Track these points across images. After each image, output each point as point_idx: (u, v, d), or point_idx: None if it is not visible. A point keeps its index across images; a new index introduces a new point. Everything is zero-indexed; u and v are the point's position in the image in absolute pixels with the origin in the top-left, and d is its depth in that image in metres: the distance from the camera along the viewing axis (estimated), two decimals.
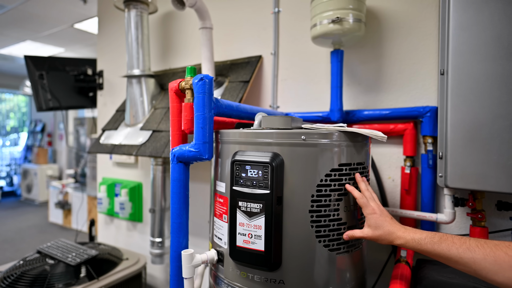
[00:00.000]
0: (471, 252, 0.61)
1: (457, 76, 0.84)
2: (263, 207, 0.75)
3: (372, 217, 0.74)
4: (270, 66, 1.48)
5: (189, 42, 1.78)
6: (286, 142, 0.77)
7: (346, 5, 1.07)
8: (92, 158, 4.76)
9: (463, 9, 0.83)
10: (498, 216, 1.00)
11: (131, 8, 1.58)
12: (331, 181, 0.78)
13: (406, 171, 1.13)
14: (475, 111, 0.82)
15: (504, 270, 0.56)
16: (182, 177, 0.89)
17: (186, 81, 0.92)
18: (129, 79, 1.62)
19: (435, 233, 0.66)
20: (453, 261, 0.63)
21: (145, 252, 1.98)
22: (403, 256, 0.94)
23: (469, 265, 0.60)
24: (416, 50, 1.16)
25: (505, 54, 0.78)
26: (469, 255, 0.61)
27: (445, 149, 0.87)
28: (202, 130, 0.84)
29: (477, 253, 0.60)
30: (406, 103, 1.17)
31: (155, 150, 1.39)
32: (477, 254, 0.60)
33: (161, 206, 1.74)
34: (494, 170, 0.81)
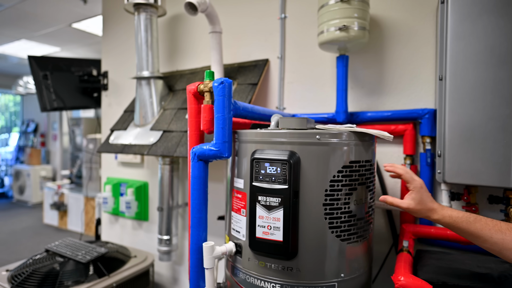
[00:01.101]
0: (502, 233, 0.69)
1: (454, 81, 0.93)
2: (282, 201, 0.82)
3: (418, 192, 0.80)
4: (277, 69, 1.56)
5: (196, 45, 1.84)
6: (302, 141, 0.84)
7: (351, 14, 1.15)
8: (88, 158, 4.76)
9: (460, 21, 0.92)
10: (489, 209, 1.09)
11: (141, 11, 1.63)
12: (342, 177, 0.85)
13: None
14: (470, 113, 0.91)
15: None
16: (202, 174, 0.96)
17: (205, 84, 0.98)
18: (139, 80, 1.67)
19: (470, 214, 0.74)
20: (482, 239, 0.71)
21: (152, 250, 2.03)
22: (405, 246, 1.02)
23: (497, 244, 0.68)
24: (415, 56, 1.25)
25: (497, 63, 0.87)
26: (499, 236, 0.68)
27: (443, 148, 0.95)
28: (222, 130, 0.91)
29: (507, 235, 0.68)
30: (406, 105, 1.26)
31: (167, 149, 1.45)
32: (507, 236, 0.68)
33: (168, 205, 1.79)
34: (487, 166, 0.90)
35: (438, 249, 1.12)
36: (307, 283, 0.85)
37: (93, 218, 4.39)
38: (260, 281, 0.89)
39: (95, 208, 4.40)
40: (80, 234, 3.71)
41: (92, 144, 4.65)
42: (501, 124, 0.86)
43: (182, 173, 1.89)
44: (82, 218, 4.60)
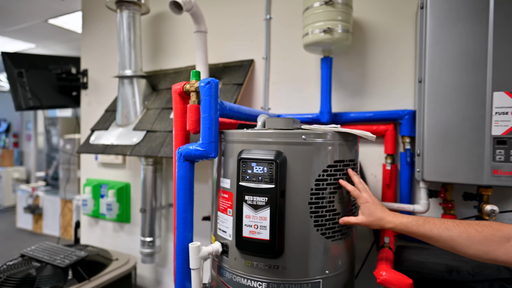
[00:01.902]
0: (449, 231, 0.72)
1: (433, 84, 0.97)
2: (268, 200, 0.83)
3: (365, 206, 0.84)
4: (262, 69, 1.57)
5: (180, 44, 1.83)
6: (288, 141, 0.85)
7: (335, 16, 1.18)
8: (65, 159, 4.59)
9: (437, 26, 0.96)
10: (464, 206, 1.15)
11: (124, 9, 1.60)
12: (327, 176, 0.87)
13: (387, 167, 1.26)
14: (447, 115, 0.95)
15: (475, 244, 0.69)
16: (188, 174, 0.95)
17: (191, 84, 0.98)
18: (121, 79, 1.63)
19: (419, 217, 0.78)
20: (434, 239, 0.75)
21: (134, 253, 1.99)
22: (387, 242, 1.05)
23: (447, 242, 0.72)
24: (396, 59, 1.30)
25: (471, 67, 0.92)
26: (447, 233, 0.72)
27: (422, 147, 0.99)
28: (209, 130, 0.90)
29: (453, 231, 0.72)
30: (387, 106, 1.30)
31: (151, 150, 1.43)
32: (453, 232, 0.72)
33: (152, 206, 1.76)
34: (462, 165, 0.94)
35: (416, 245, 1.16)
36: (293, 281, 0.86)
37: (71, 221, 4.24)
38: (247, 280, 0.89)
39: (73, 211, 4.25)
40: (57, 238, 3.57)
41: (69, 145, 4.49)
42: (475, 124, 0.91)
43: (166, 173, 1.86)
44: (58, 221, 4.43)
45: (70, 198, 4.25)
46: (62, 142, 4.58)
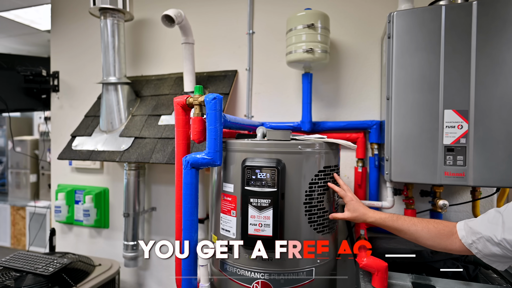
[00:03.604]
0: (415, 226, 0.93)
1: (398, 101, 1.18)
2: (271, 202, 0.96)
3: (350, 204, 1.01)
4: (245, 80, 1.69)
5: (162, 51, 1.87)
6: (286, 151, 0.99)
7: (316, 38, 1.34)
8: (14, 163, 4.26)
9: (402, 54, 1.16)
10: (421, 201, 1.39)
11: (108, 16, 1.61)
12: (318, 180, 1.03)
13: (359, 170, 1.46)
14: (410, 127, 1.16)
15: (433, 237, 0.89)
16: (194, 180, 1.04)
17: (195, 98, 1.07)
18: (105, 85, 1.64)
19: (393, 214, 0.97)
20: (403, 232, 0.94)
21: (114, 257, 1.97)
22: (362, 234, 1.25)
23: (413, 234, 0.93)
24: (364, 76, 1.50)
25: (427, 88, 1.14)
26: (413, 228, 0.93)
27: (390, 154, 1.20)
28: (215, 140, 1.01)
29: (418, 227, 0.92)
30: (358, 117, 1.50)
31: (141, 156, 1.47)
32: (418, 227, 0.92)
33: (135, 210, 1.79)
34: (421, 168, 1.16)
35: (384, 235, 1.38)
36: (291, 270, 1.01)
37: (22, 229, 3.95)
38: (250, 272, 1.01)
39: (25, 219, 3.96)
40: (8, 249, 3.32)
41: (20, 147, 4.17)
42: (431, 135, 1.13)
43: (148, 178, 1.90)
44: (9, 230, 4.09)
45: (22, 205, 3.96)
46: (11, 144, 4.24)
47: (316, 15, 1.33)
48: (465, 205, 1.35)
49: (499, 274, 1.07)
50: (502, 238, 0.75)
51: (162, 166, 1.85)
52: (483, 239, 0.80)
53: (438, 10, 1.10)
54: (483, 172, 1.07)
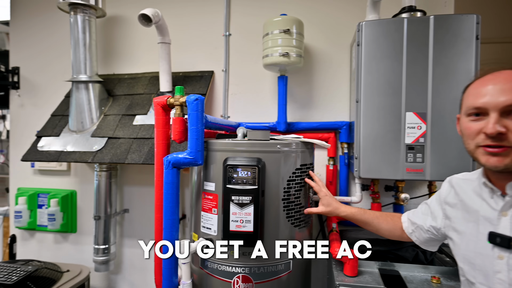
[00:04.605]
0: (377, 219, 1.04)
1: (366, 104, 1.28)
2: (252, 199, 1.01)
3: (325, 198, 1.09)
4: (222, 81, 1.71)
5: (135, 49, 1.84)
6: (266, 150, 1.05)
7: (291, 43, 1.41)
8: None
9: (369, 61, 1.27)
10: (385, 195, 1.51)
11: (79, 12, 1.55)
12: (296, 177, 1.09)
13: (330, 168, 1.56)
14: (376, 128, 1.27)
15: (391, 229, 1.02)
16: (175, 180, 1.06)
17: (176, 99, 1.09)
18: (76, 84, 1.58)
19: (361, 208, 1.07)
20: (368, 224, 1.05)
21: (82, 263, 1.89)
22: (334, 227, 1.33)
23: (376, 226, 1.04)
24: (335, 80, 1.60)
25: (392, 93, 1.25)
26: (376, 221, 1.04)
27: (359, 152, 1.30)
28: (197, 140, 1.03)
29: (380, 219, 1.04)
30: (329, 118, 1.60)
31: (116, 156, 1.44)
32: (380, 220, 1.04)
33: (106, 213, 1.74)
34: (386, 165, 1.27)
35: (354, 228, 1.48)
36: (270, 263, 1.06)
37: None
38: (231, 267, 1.05)
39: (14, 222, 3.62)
40: None
41: None
42: (395, 135, 1.25)
43: (120, 179, 1.85)
44: None
45: None
46: None
47: (292, 21, 1.40)
48: (423, 198, 1.50)
49: (451, 257, 1.21)
50: (429, 225, 0.90)
51: (136, 167, 1.81)
52: (418, 228, 0.94)
53: (401, 22, 1.22)
54: (438, 168, 1.21)
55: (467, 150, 0.73)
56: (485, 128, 0.65)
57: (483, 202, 0.73)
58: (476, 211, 0.74)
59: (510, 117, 0.64)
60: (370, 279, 1.02)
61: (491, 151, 0.65)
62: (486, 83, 0.67)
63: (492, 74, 0.68)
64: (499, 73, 0.67)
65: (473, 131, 0.68)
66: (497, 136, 0.64)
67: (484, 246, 0.70)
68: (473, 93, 0.70)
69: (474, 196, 0.76)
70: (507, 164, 0.64)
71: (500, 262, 0.67)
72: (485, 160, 0.67)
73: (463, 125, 0.73)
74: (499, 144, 0.64)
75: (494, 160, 0.65)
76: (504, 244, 0.66)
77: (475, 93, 0.69)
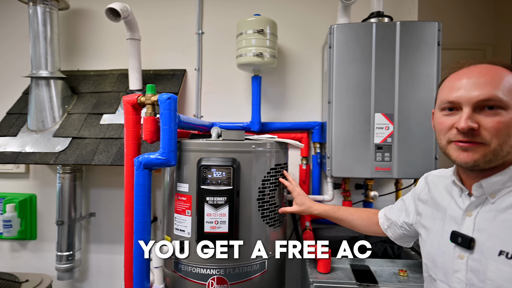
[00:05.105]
0: (352, 215, 1.06)
1: (337, 105, 1.32)
2: (227, 199, 1.00)
3: (298, 198, 1.10)
4: (194, 80, 1.68)
5: (102, 45, 1.75)
6: (241, 150, 1.04)
7: (265, 43, 1.42)
8: None
9: (341, 63, 1.31)
10: (356, 193, 1.56)
11: (38, 2, 1.45)
12: (270, 177, 1.10)
13: (303, 167, 1.58)
14: (347, 128, 1.31)
15: (365, 225, 1.04)
16: (147, 181, 1.02)
17: (147, 97, 1.05)
18: (35, 80, 1.47)
19: (334, 206, 1.09)
20: (342, 221, 1.07)
21: (43, 271, 1.77)
22: (307, 225, 1.36)
23: (350, 223, 1.06)
24: (307, 81, 1.63)
25: (362, 94, 1.30)
26: (351, 217, 1.06)
27: (331, 152, 1.33)
28: (169, 140, 1.00)
29: (354, 216, 1.06)
30: (302, 118, 1.62)
31: (81, 158, 1.36)
32: (354, 216, 1.06)
33: (70, 217, 1.64)
34: (356, 164, 1.32)
35: (326, 226, 1.52)
36: (245, 263, 1.05)
37: None
38: (206, 269, 1.03)
39: None
40: None
41: None
42: (364, 135, 1.30)
43: (86, 181, 1.75)
44: None
45: None
46: None
47: (265, 21, 1.41)
48: (391, 195, 1.57)
49: (416, 251, 1.28)
50: (402, 221, 0.91)
51: (103, 168, 1.73)
52: (393, 224, 0.96)
53: (370, 27, 1.27)
54: (404, 166, 1.27)
55: (440, 146, 0.70)
56: (457, 123, 0.63)
57: (451, 200, 0.73)
58: (444, 208, 0.74)
59: (483, 113, 0.61)
60: (342, 275, 1.05)
61: (462, 146, 0.63)
62: (461, 76, 0.65)
63: (468, 68, 0.65)
64: (475, 67, 0.64)
65: (446, 126, 0.66)
66: (469, 132, 0.61)
67: (446, 245, 0.69)
68: (447, 87, 0.67)
69: (445, 193, 0.76)
70: (476, 160, 0.62)
71: (460, 261, 0.66)
72: (456, 156, 0.64)
73: (436, 120, 0.70)
74: (470, 140, 0.62)
75: (464, 156, 0.63)
76: (465, 244, 0.65)
77: (449, 86, 0.66)
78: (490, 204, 0.65)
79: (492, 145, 0.61)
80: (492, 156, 0.61)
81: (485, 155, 0.61)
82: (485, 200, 0.66)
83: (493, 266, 0.60)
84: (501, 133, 0.60)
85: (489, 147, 0.61)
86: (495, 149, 0.61)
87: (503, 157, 0.62)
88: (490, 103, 0.60)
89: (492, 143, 0.60)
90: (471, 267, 0.64)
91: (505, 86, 0.60)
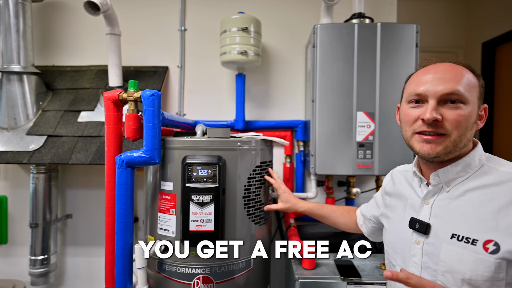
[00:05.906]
0: (334, 213, 1.09)
1: (321, 104, 1.34)
2: (213, 198, 0.99)
3: (283, 195, 1.11)
4: (177, 77, 1.65)
5: (80, 40, 1.68)
6: (227, 148, 1.03)
7: (249, 41, 1.42)
8: None
9: (325, 62, 1.33)
10: (338, 191, 1.60)
11: None
12: (256, 174, 1.10)
13: (287, 165, 1.60)
14: (331, 126, 1.33)
15: (347, 222, 1.07)
16: (129, 180, 0.99)
17: (129, 94, 1.02)
18: (7, 75, 1.39)
19: (318, 203, 1.11)
20: (325, 218, 1.09)
21: (15, 277, 1.68)
22: (292, 223, 1.37)
23: (333, 220, 1.09)
24: (290, 79, 1.65)
25: (345, 93, 1.32)
26: (333, 215, 1.09)
27: (314, 150, 1.35)
28: (153, 138, 0.98)
29: (336, 213, 1.09)
30: (286, 116, 1.64)
31: (58, 156, 1.30)
32: (336, 213, 1.09)
33: (45, 219, 1.57)
34: (339, 161, 1.34)
35: (310, 223, 1.54)
36: (231, 262, 1.05)
37: None
38: (191, 269, 1.02)
39: None
40: None
41: None
42: (347, 134, 1.32)
43: (62, 182, 1.68)
44: None
45: None
46: None
47: (250, 19, 1.40)
48: (372, 192, 1.62)
49: None
50: (371, 215, 0.97)
51: (80, 168, 1.66)
52: (366, 220, 1.00)
53: (352, 27, 1.30)
54: (385, 163, 1.31)
55: (404, 137, 0.74)
56: (423, 114, 0.66)
57: (412, 190, 0.78)
58: (406, 198, 0.79)
59: (446, 106, 0.66)
60: (327, 271, 1.07)
61: (426, 138, 0.67)
62: (428, 71, 0.69)
63: (435, 64, 0.70)
64: (441, 64, 0.70)
65: (412, 118, 0.70)
66: (433, 123, 0.65)
67: (405, 231, 0.74)
68: (415, 81, 0.71)
69: (406, 185, 0.81)
70: (438, 152, 0.66)
71: (417, 246, 0.70)
72: (419, 148, 0.68)
73: (403, 112, 0.74)
74: (434, 131, 0.66)
75: (427, 147, 0.67)
76: (421, 229, 0.69)
77: (417, 80, 0.71)
78: (445, 192, 0.70)
79: (453, 136, 0.65)
80: (452, 147, 0.66)
81: (446, 146, 0.66)
82: (441, 189, 0.70)
83: (445, 249, 0.65)
84: (461, 126, 0.65)
85: (450, 138, 0.65)
86: (455, 140, 0.65)
87: (460, 149, 0.67)
88: (453, 97, 0.65)
89: (452, 134, 0.65)
90: (426, 251, 0.69)
91: (466, 83, 0.66)
